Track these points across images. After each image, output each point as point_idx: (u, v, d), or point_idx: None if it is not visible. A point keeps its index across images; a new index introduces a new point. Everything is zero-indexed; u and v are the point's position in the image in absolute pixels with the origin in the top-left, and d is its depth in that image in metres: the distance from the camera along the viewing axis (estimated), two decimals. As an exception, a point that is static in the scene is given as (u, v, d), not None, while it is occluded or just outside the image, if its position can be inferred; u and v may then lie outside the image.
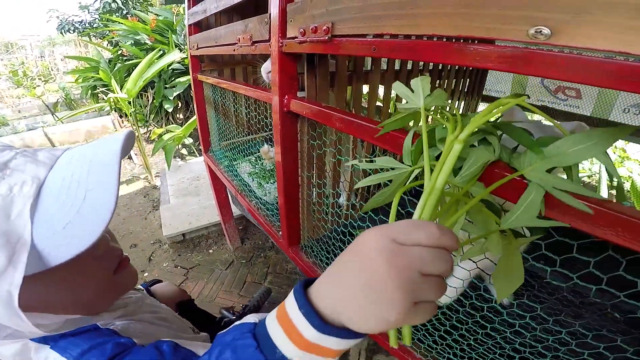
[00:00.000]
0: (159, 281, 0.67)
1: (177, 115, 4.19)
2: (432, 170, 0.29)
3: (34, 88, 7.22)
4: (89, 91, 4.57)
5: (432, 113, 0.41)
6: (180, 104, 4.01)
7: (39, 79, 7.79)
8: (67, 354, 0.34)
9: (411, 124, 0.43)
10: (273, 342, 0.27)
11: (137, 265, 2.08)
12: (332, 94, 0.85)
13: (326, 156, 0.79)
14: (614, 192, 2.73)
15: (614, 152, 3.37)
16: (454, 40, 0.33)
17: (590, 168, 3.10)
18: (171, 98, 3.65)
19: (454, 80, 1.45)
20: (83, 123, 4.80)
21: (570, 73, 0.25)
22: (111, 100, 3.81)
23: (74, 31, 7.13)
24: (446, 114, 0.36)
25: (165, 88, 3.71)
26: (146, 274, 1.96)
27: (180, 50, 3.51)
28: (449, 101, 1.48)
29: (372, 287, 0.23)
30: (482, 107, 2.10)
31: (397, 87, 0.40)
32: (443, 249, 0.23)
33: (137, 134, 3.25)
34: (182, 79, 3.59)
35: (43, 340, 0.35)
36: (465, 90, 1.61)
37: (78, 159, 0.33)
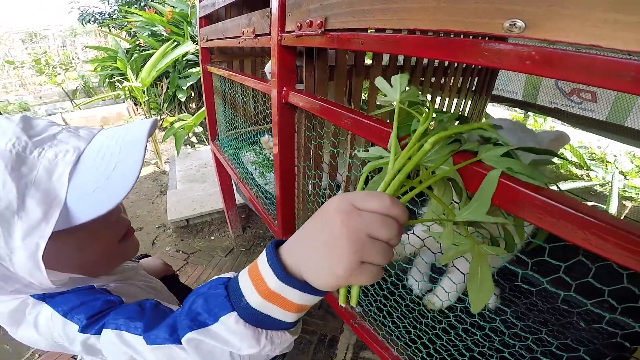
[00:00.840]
0: (147, 255, 0.72)
1: (190, 104, 4.28)
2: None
3: (55, 76, 7.48)
4: (107, 79, 4.71)
5: (414, 108, 0.43)
6: (193, 94, 4.09)
7: (60, 67, 8.06)
8: (59, 308, 0.38)
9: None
10: (241, 292, 0.31)
11: (140, 248, 2.15)
12: (332, 84, 0.86)
13: (323, 148, 0.81)
14: (625, 202, 2.64)
15: (631, 162, 3.23)
16: (430, 34, 0.34)
17: (603, 177, 3.00)
18: (184, 88, 3.72)
19: (461, 78, 1.42)
20: (99, 110, 4.97)
21: (540, 68, 0.26)
22: (126, 88, 3.93)
23: (94, 22, 7.32)
24: (422, 109, 0.38)
25: (179, 78, 3.79)
26: (149, 257, 2.03)
27: (194, 41, 3.57)
28: (455, 100, 1.47)
29: (327, 242, 0.26)
30: (490, 107, 2.05)
31: (379, 82, 0.42)
32: (393, 219, 0.26)
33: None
34: (195, 70, 3.65)
35: (42, 297, 0.38)
36: (474, 88, 1.58)
37: (112, 137, 0.39)
